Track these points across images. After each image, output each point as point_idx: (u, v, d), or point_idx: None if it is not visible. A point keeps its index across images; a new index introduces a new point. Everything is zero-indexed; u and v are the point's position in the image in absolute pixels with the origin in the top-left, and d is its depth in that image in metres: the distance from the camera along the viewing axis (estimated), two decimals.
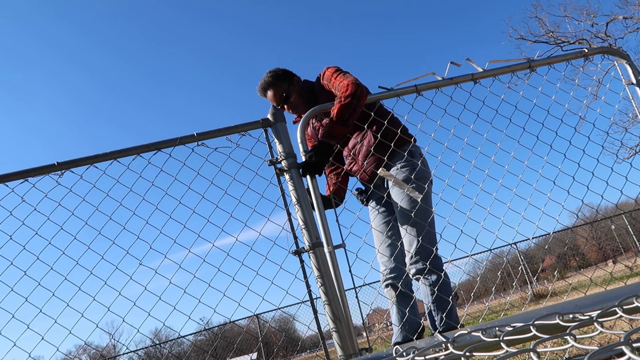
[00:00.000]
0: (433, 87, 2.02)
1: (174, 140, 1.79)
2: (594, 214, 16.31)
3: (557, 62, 2.19)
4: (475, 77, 2.06)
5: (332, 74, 2.27)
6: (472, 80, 2.06)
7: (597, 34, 15.91)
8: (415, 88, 1.99)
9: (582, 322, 0.92)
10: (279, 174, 1.78)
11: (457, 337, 1.13)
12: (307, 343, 19.72)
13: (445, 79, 2.03)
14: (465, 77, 2.05)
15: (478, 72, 2.07)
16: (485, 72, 2.07)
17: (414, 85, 2.00)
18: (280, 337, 15.17)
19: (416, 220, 2.14)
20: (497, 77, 2.08)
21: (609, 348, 0.64)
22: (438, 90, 2.04)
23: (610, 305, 0.96)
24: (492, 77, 2.08)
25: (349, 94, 1.99)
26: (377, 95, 2.03)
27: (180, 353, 18.69)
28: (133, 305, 1.70)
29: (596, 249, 18.63)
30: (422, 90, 2.00)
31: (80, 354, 23.04)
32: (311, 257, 1.66)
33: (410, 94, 2.00)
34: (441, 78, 2.03)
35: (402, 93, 1.99)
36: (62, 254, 1.72)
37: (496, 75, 2.08)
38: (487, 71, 2.07)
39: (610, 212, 16.43)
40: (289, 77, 2.44)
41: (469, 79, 2.05)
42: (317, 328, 1.71)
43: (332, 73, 2.27)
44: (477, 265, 14.69)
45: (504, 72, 2.10)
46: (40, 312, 1.67)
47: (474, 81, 2.06)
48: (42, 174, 1.74)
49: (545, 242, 18.18)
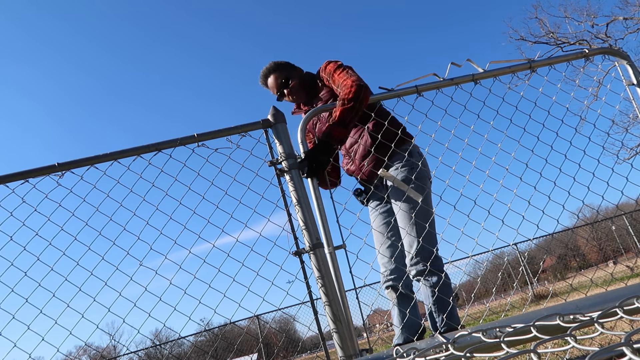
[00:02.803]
0: (433, 87, 2.02)
1: (175, 141, 1.79)
2: (595, 215, 16.31)
3: (557, 62, 2.19)
4: (476, 77, 2.06)
5: (334, 70, 2.23)
6: (473, 81, 2.06)
7: (598, 35, 15.92)
8: (416, 89, 1.99)
9: (583, 323, 0.92)
10: (279, 175, 1.78)
11: (457, 338, 1.13)
12: (308, 344, 19.71)
13: (446, 79, 2.03)
14: (465, 77, 2.05)
15: (479, 73, 2.07)
16: (485, 72, 2.07)
17: (415, 85, 2.00)
18: (280, 338, 15.16)
19: (416, 220, 2.12)
20: (498, 77, 2.08)
21: (610, 349, 0.64)
22: (439, 91, 2.03)
23: (610, 306, 0.96)
24: (492, 77, 2.08)
25: (352, 97, 1.95)
26: (378, 96, 2.03)
27: (181, 354, 18.69)
28: (133, 306, 1.70)
29: (597, 250, 18.62)
30: (423, 91, 2.00)
31: (80, 355, 23.04)
32: (311, 257, 1.66)
33: (411, 95, 2.00)
34: (442, 79, 2.03)
35: (403, 94, 1.99)
36: (63, 255, 1.72)
37: (497, 75, 2.08)
38: (487, 72, 2.07)
39: (611, 213, 16.42)
40: (291, 65, 2.47)
41: (470, 79, 2.05)
42: (318, 329, 1.71)
43: (335, 69, 2.23)
44: (477, 266, 14.68)
45: (504, 72, 2.10)
46: (41, 313, 1.67)
47: (475, 82, 2.06)
48: (42, 175, 1.75)
49: (545, 242, 18.17)
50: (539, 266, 17.30)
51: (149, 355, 15.87)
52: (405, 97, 2.00)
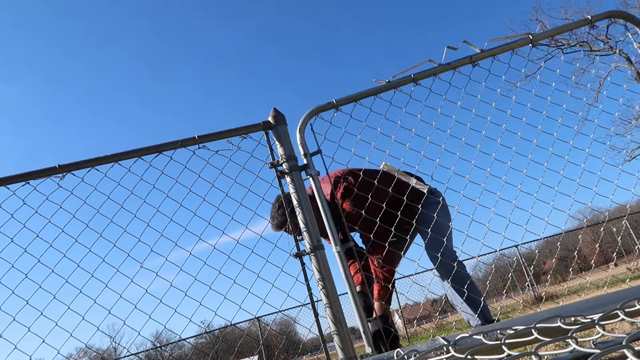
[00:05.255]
0: (430, 74, 1.96)
1: (175, 142, 1.79)
2: (596, 217, 16.28)
3: (560, 32, 2.11)
4: (474, 59, 1.97)
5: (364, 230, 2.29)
6: (471, 63, 1.97)
7: (598, 37, 15.92)
8: (412, 77, 1.94)
9: (584, 325, 0.91)
10: (280, 177, 1.78)
11: (458, 340, 1.12)
12: (308, 346, 19.66)
13: (443, 64, 1.96)
14: (463, 60, 1.97)
15: (476, 54, 1.97)
16: (483, 52, 1.98)
17: (411, 75, 1.95)
18: (281, 339, 15.13)
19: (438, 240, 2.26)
20: (497, 56, 1.98)
21: (611, 351, 0.64)
22: (436, 77, 1.97)
23: (611, 308, 0.96)
24: (491, 57, 1.98)
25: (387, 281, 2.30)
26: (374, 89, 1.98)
27: (181, 356, 18.67)
28: (134, 307, 1.70)
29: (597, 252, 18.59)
30: (419, 79, 1.95)
31: (81, 357, 23.00)
32: (312, 259, 1.66)
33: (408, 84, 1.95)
34: (438, 64, 1.96)
35: (399, 84, 1.95)
36: (63, 257, 1.72)
37: (495, 54, 1.98)
38: (485, 51, 1.98)
39: (612, 214, 16.39)
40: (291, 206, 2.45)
41: (468, 61, 1.97)
42: (318, 331, 1.71)
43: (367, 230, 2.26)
44: (477, 268, 14.68)
45: (503, 50, 1.99)
46: (42, 315, 1.67)
47: (473, 64, 1.98)
48: (43, 177, 1.75)
49: (546, 245, 18.14)
50: (539, 268, 17.26)
51: (149, 357, 15.84)
52: (402, 87, 1.96)
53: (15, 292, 1.68)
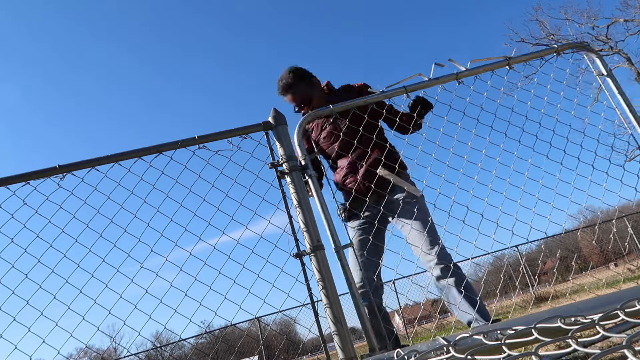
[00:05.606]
0: (421, 87, 2.09)
1: (175, 143, 1.79)
2: (596, 217, 16.27)
3: (531, 58, 2.25)
4: (459, 76, 2.11)
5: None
6: (456, 80, 2.11)
7: (598, 37, 15.93)
8: (404, 89, 2.04)
9: (584, 325, 0.91)
10: (280, 177, 1.78)
11: (458, 340, 1.12)
12: (308, 346, 19.67)
13: (431, 79, 2.09)
14: (449, 76, 2.11)
15: (461, 72, 2.12)
16: (467, 71, 2.13)
17: (403, 86, 2.05)
18: (281, 340, 15.13)
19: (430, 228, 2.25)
20: (478, 75, 2.14)
21: (612, 351, 0.64)
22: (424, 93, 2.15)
23: (612, 308, 0.96)
24: (474, 75, 2.14)
25: None
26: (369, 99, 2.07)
27: (182, 356, 18.67)
28: (134, 308, 1.70)
29: (598, 252, 18.58)
30: (411, 91, 2.06)
31: (81, 357, 23.01)
32: (312, 259, 1.65)
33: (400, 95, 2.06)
34: (427, 79, 2.08)
35: (392, 95, 2.05)
36: (64, 257, 1.72)
37: (478, 74, 2.14)
38: (469, 70, 2.13)
39: (612, 215, 16.38)
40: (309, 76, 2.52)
41: (453, 78, 2.11)
42: (319, 331, 1.71)
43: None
44: (477, 269, 14.66)
45: (485, 70, 2.15)
46: (42, 315, 1.67)
47: (458, 81, 2.11)
48: (43, 177, 1.75)
49: (546, 245, 18.15)
50: (540, 268, 17.27)
51: (149, 357, 15.84)
52: (394, 98, 2.07)
53: (16, 293, 1.68)
